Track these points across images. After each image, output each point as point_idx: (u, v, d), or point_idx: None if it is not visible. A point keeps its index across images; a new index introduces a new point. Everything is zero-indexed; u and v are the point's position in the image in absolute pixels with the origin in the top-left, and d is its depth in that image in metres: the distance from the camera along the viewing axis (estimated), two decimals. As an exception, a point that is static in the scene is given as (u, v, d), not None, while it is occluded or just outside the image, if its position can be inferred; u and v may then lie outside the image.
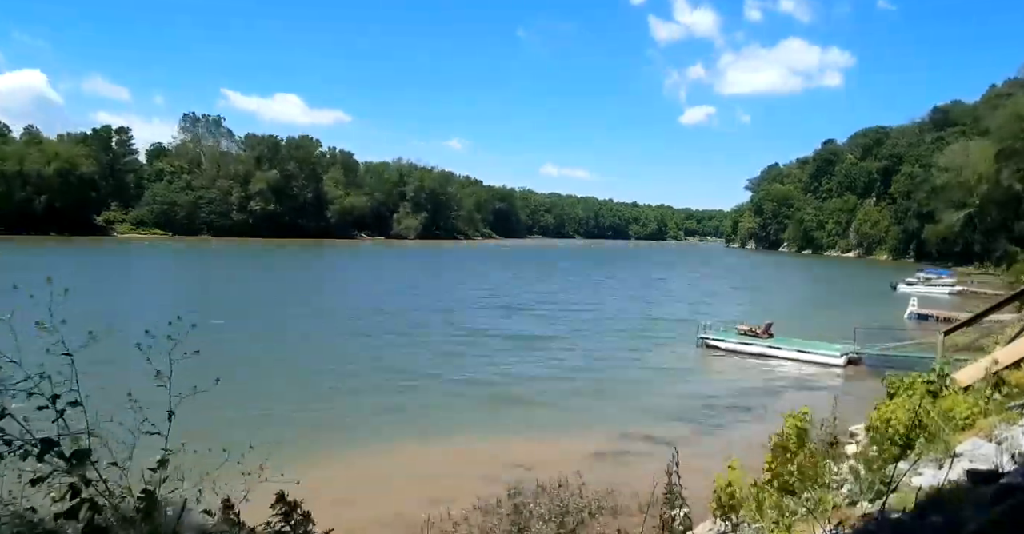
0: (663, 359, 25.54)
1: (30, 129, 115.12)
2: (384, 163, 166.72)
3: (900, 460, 6.42)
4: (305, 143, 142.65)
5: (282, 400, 17.24)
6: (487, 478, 12.06)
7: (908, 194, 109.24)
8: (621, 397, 19.33)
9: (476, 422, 16.23)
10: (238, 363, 20.06)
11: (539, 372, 22.25)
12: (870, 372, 23.27)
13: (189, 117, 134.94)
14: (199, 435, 2.78)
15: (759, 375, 23.43)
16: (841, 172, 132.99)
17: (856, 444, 11.35)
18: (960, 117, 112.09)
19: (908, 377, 10.54)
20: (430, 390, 19.30)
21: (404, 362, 22.73)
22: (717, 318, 30.71)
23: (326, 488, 10.71)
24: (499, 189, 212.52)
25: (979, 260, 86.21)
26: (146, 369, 2.46)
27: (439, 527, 9.89)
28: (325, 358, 23.22)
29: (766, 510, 5.82)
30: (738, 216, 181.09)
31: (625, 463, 13.35)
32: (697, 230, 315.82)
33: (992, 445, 6.62)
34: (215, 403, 11.00)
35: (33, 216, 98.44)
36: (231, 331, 25.01)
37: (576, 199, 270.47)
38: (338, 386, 19.29)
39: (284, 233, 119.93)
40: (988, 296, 41.87)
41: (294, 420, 15.50)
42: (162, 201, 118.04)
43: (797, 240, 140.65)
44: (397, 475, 12.60)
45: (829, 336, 26.72)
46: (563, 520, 9.45)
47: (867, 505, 5.73)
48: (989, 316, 15.94)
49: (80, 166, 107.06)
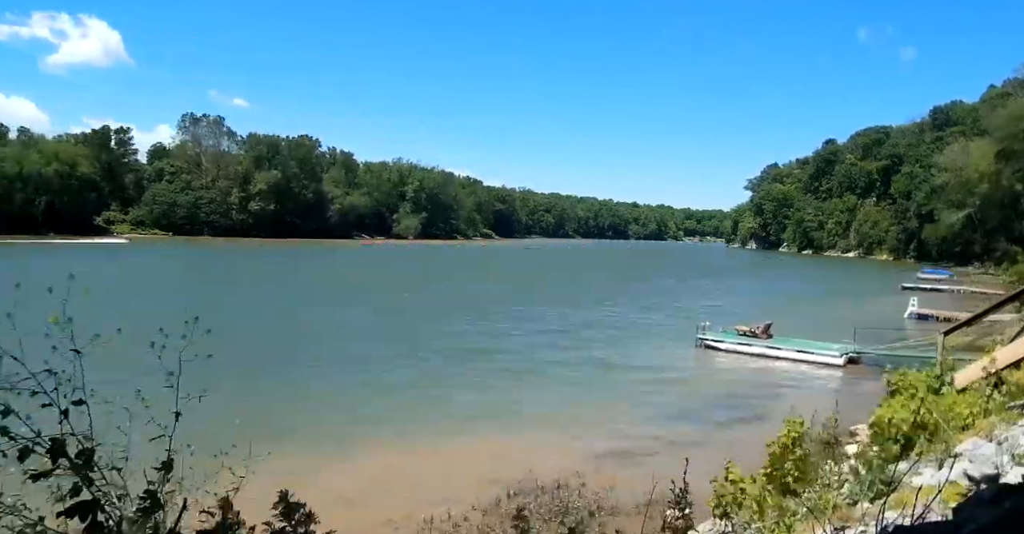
0: (663, 359, 25.54)
1: (27, 130, 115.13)
2: (384, 163, 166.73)
3: (900, 460, 6.43)
4: (305, 143, 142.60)
5: (282, 401, 17.26)
6: (487, 478, 12.07)
7: (908, 194, 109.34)
8: (621, 397, 19.33)
9: (476, 422, 16.23)
10: (238, 363, 20.04)
11: (539, 372, 22.26)
12: (870, 372, 23.27)
13: (189, 117, 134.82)
14: (201, 435, 2.78)
15: (759, 375, 23.43)
16: (841, 172, 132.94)
17: (856, 444, 11.35)
18: (960, 117, 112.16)
19: (909, 374, 10.54)
20: (430, 390, 19.30)
21: (404, 362, 22.73)
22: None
23: (326, 488, 10.72)
24: (499, 189, 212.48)
25: (979, 260, 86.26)
26: (154, 370, 2.47)
27: (439, 527, 9.91)
28: (325, 358, 23.21)
29: (767, 510, 5.83)
30: (738, 216, 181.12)
31: (624, 463, 13.36)
32: (697, 230, 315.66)
33: (992, 445, 6.62)
34: (218, 403, 11.01)
35: (33, 217, 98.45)
36: (231, 331, 24.99)
37: (576, 199, 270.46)
38: (338, 387, 19.29)
39: (284, 233, 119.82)
40: (988, 296, 41.86)
41: (294, 420, 15.50)
42: (162, 201, 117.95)
43: (797, 240, 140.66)
44: (397, 475, 12.60)
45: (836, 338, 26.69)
46: (563, 520, 9.47)
47: (867, 505, 5.73)
48: (989, 316, 15.95)
49: (80, 166, 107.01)
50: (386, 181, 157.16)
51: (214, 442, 2.96)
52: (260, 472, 3.03)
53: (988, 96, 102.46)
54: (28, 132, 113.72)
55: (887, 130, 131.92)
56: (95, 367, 2.29)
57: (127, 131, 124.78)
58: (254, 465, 2.92)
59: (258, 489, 2.86)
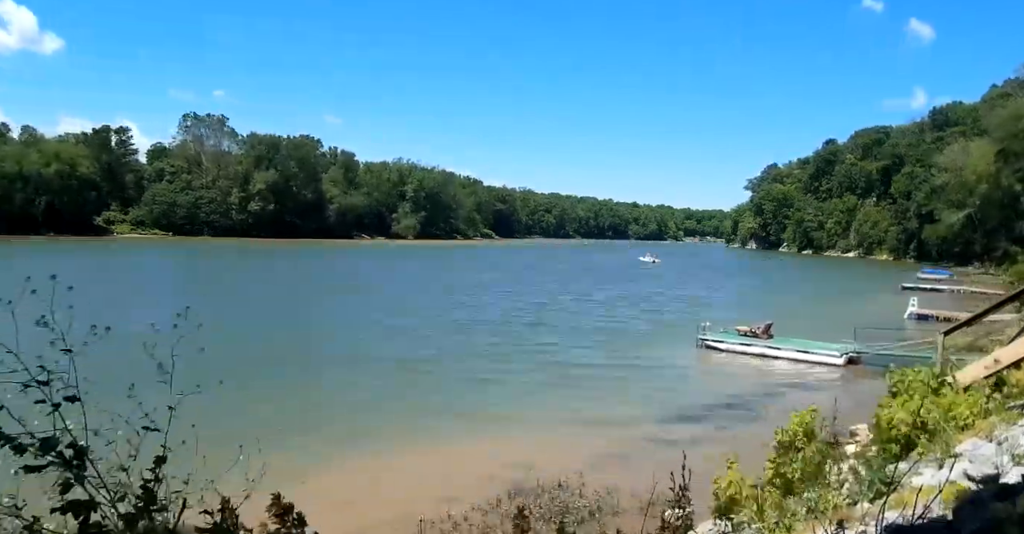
0: (663, 360, 25.52)
1: (29, 129, 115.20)
2: (384, 163, 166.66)
3: (900, 460, 6.42)
4: (305, 143, 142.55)
5: (281, 401, 17.24)
6: (487, 478, 12.07)
7: (908, 194, 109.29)
8: (621, 397, 19.31)
9: (476, 422, 16.22)
10: (239, 363, 20.02)
11: (539, 372, 22.24)
12: (870, 372, 23.27)
13: (190, 117, 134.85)
14: (199, 434, 2.77)
15: (759, 375, 23.43)
16: (841, 172, 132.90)
17: (856, 444, 11.34)
18: (960, 117, 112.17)
19: (910, 374, 10.51)
20: (430, 390, 19.30)
21: (404, 363, 22.72)
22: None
23: (327, 489, 10.71)
24: (499, 189, 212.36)
25: (979, 260, 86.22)
26: (148, 367, 2.46)
27: (439, 527, 9.90)
28: (324, 359, 23.20)
29: (767, 510, 5.82)
30: (738, 216, 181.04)
31: (625, 463, 13.34)
32: (697, 230, 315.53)
33: (992, 445, 6.61)
34: (216, 403, 11.01)
35: (33, 216, 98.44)
36: (230, 332, 24.98)
37: (576, 199, 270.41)
38: (337, 387, 19.29)
39: (284, 233, 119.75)
40: (988, 296, 41.85)
41: (294, 420, 15.49)
42: (162, 201, 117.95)
43: (797, 240, 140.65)
44: (397, 475, 12.59)
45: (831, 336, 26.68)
46: (563, 520, 9.46)
47: (867, 505, 5.72)
48: (989, 316, 15.93)
49: (80, 166, 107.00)
50: (386, 181, 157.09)
51: (214, 442, 2.95)
52: (260, 472, 3.01)
53: (988, 96, 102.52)
54: (31, 131, 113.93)
55: (887, 130, 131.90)
56: (92, 366, 2.29)
57: (127, 131, 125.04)
58: (254, 465, 2.91)
59: (259, 490, 2.85)
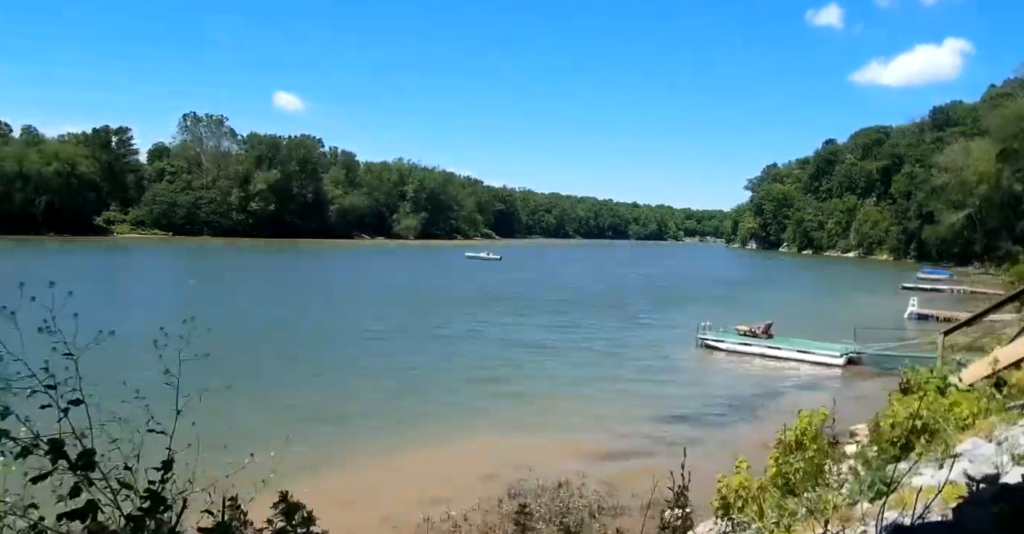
0: (663, 359, 25.53)
1: (29, 129, 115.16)
2: (384, 163, 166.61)
3: (900, 460, 6.43)
4: (306, 143, 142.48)
5: (281, 402, 17.25)
6: (487, 478, 12.08)
7: (908, 194, 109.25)
8: (621, 397, 19.33)
9: (476, 422, 16.24)
10: (240, 364, 20.04)
11: (539, 373, 22.25)
12: (870, 372, 23.31)
13: (190, 117, 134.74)
14: (204, 436, 2.78)
15: (758, 375, 23.44)
16: (841, 172, 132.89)
17: (856, 444, 11.35)
18: (960, 117, 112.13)
19: (922, 372, 10.54)
20: (430, 390, 19.30)
21: (403, 363, 22.73)
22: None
23: (327, 489, 10.72)
24: (499, 189, 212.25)
25: (979, 260, 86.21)
26: (155, 370, 2.47)
27: (439, 527, 9.90)
28: (324, 359, 23.22)
29: (767, 510, 5.83)
30: (738, 216, 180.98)
31: (625, 463, 13.36)
32: (697, 230, 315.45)
33: (992, 445, 6.61)
34: (218, 404, 11.01)
35: (33, 216, 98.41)
36: (232, 332, 25.00)
37: (576, 199, 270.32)
38: (337, 387, 19.30)
39: (284, 233, 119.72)
40: (988, 296, 41.88)
41: (294, 421, 15.48)
42: (162, 201, 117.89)
43: (797, 240, 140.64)
44: (398, 475, 12.62)
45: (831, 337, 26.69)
46: (564, 520, 9.47)
47: (867, 505, 5.73)
48: (989, 316, 15.95)
49: (80, 166, 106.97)
50: (386, 181, 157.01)
51: (218, 443, 2.97)
52: (260, 472, 3.03)
53: (988, 96, 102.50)
54: (32, 130, 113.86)
55: (887, 130, 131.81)
56: (97, 368, 2.30)
57: (127, 131, 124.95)
58: (257, 466, 2.93)
59: (260, 490, 2.87)
